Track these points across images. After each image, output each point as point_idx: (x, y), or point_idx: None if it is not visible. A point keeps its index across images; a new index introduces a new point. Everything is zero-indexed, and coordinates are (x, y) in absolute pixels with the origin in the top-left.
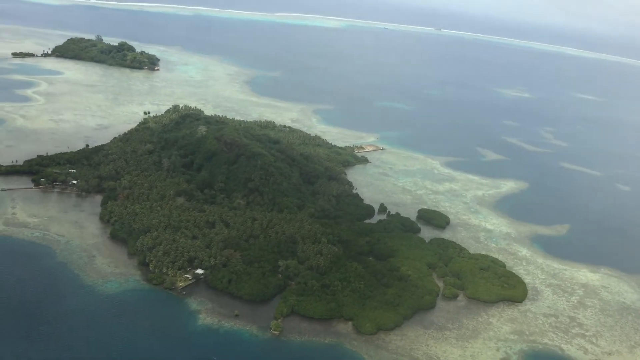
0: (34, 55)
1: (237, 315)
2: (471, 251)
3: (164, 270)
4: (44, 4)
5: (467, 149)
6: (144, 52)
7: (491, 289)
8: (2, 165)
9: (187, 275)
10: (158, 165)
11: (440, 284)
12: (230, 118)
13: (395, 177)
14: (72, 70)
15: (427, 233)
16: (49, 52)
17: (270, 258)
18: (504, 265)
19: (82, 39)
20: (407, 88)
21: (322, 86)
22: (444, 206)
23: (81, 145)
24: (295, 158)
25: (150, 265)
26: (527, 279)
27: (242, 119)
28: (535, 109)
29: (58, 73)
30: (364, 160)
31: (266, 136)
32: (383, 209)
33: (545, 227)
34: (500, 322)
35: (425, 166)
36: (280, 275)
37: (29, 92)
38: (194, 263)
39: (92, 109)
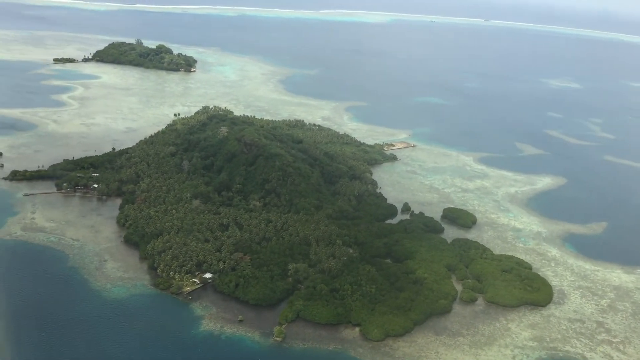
0: (74, 60)
1: (241, 321)
2: (496, 252)
3: (171, 274)
4: (90, 10)
5: (504, 144)
6: (181, 54)
7: (512, 292)
8: (27, 170)
9: (195, 280)
10: (179, 168)
11: (459, 287)
12: (260, 118)
13: (423, 175)
14: (109, 74)
15: (451, 233)
16: (90, 57)
17: (281, 261)
18: (530, 267)
19: (122, 43)
20: (448, 82)
21: (358, 83)
22: (472, 205)
23: (108, 149)
24: (317, 157)
25: (158, 270)
26: (554, 281)
27: (271, 119)
28: (583, 99)
29: (95, 77)
30: (393, 158)
31: (289, 136)
32: (407, 208)
33: (580, 225)
34: (520, 327)
35: (457, 163)
36: (290, 279)
37: (64, 97)
38: (202, 267)
39: (124, 112)
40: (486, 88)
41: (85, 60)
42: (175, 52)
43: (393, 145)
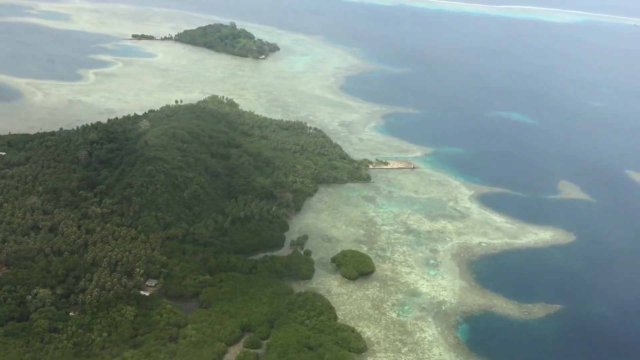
0: (152, 38)
1: None
2: (346, 319)
3: None
4: None
5: (542, 182)
6: (261, 40)
7: None
8: None
9: None
10: (77, 158)
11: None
12: (259, 115)
13: (378, 205)
14: (168, 54)
15: (321, 282)
16: (171, 37)
17: (42, 283)
18: (362, 349)
19: (220, 25)
20: (566, 97)
21: (438, 86)
22: (395, 251)
23: (64, 128)
24: (233, 168)
25: None
26: None
27: (281, 118)
28: None
29: (150, 56)
30: (364, 179)
31: (233, 138)
32: (299, 242)
33: (515, 304)
34: None
35: (445, 196)
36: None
37: (90, 72)
38: None
39: (130, 93)
40: (611, 108)
41: (164, 39)
42: (275, 38)
43: (386, 164)
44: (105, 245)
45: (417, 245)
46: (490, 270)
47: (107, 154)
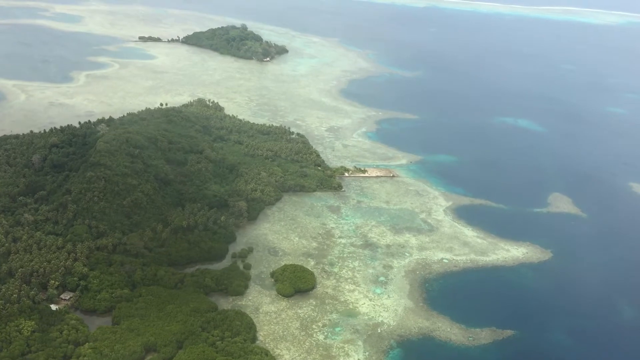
0: (159, 40)
1: None
2: (266, 340)
3: None
4: None
5: (531, 193)
6: (268, 42)
7: None
8: None
9: None
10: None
11: None
12: (242, 119)
13: (341, 216)
14: (169, 56)
15: (257, 300)
16: (178, 39)
17: None
18: None
19: (232, 27)
20: (582, 102)
21: (444, 90)
22: (343, 267)
23: (31, 130)
24: (188, 175)
25: None
26: None
27: (266, 122)
28: None
29: (150, 58)
30: (334, 188)
31: (195, 142)
32: (242, 254)
33: (461, 328)
34: None
35: (417, 207)
36: None
37: (82, 74)
38: None
39: (116, 96)
40: (632, 115)
41: (170, 41)
42: (288, 39)
43: (364, 172)
44: (26, 255)
45: (370, 260)
46: (444, 289)
47: (61, 158)
